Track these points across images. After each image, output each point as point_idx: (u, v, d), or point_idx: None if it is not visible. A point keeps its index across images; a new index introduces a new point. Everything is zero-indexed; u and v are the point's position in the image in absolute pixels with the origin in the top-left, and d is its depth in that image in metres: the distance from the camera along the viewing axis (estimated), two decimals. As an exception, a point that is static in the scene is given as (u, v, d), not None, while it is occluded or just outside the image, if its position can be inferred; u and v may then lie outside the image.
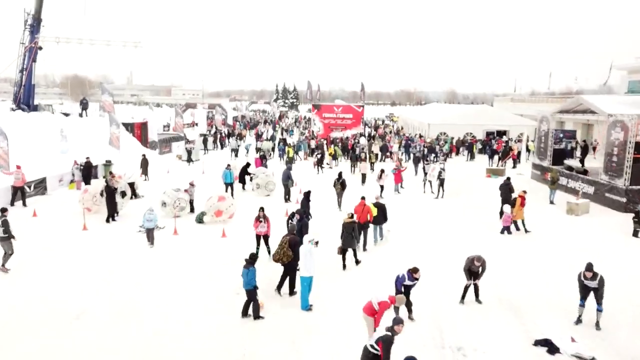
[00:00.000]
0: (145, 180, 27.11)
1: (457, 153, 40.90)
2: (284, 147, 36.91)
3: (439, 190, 24.17)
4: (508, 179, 20.12)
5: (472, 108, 49.49)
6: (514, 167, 34.78)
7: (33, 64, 38.46)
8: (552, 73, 53.55)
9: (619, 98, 29.22)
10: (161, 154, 38.05)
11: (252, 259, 10.94)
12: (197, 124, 65.08)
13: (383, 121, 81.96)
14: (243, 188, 25.33)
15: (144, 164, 27.15)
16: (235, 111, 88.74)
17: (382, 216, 16.40)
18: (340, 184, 21.63)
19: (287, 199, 22.76)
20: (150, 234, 16.12)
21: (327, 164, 34.20)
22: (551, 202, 22.89)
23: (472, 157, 39.03)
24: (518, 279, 13.56)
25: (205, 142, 41.94)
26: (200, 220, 18.72)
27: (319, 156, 32.34)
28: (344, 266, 14.19)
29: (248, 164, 26.16)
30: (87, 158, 24.11)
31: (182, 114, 44.65)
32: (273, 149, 39.14)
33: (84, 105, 36.74)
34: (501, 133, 44.11)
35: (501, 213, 19.91)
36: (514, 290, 12.75)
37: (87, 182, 23.76)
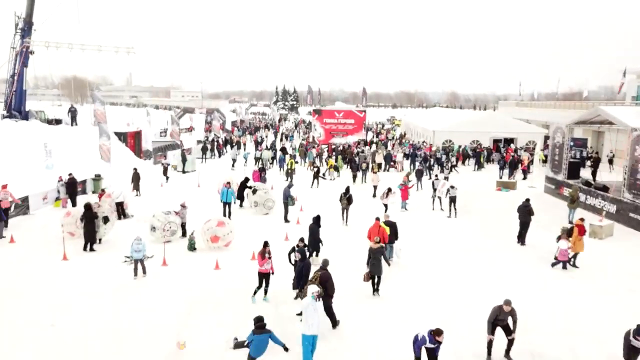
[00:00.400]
0: (137, 195, 25.55)
1: (464, 162, 39.37)
2: (283, 156, 35.36)
3: (450, 209, 22.62)
4: (527, 200, 18.54)
5: (479, 114, 48.00)
6: (524, 178, 33.25)
7: (24, 68, 36.90)
8: (560, 78, 51.58)
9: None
10: (156, 164, 36.51)
11: (262, 322, 9.06)
12: (194, 129, 63.63)
13: (383, 125, 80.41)
14: (241, 205, 23.81)
15: (136, 178, 25.59)
16: (234, 114, 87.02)
17: (393, 235, 15.85)
18: (347, 199, 20.77)
19: (286, 219, 21.20)
20: (138, 264, 14.60)
21: (327, 174, 32.46)
22: (570, 222, 21.29)
23: (480, 166, 37.51)
24: (550, 325, 11.96)
25: (203, 150, 40.44)
26: (192, 247, 17.12)
27: (315, 169, 30.30)
28: (374, 292, 13.46)
29: (247, 179, 24.62)
30: (70, 174, 22.44)
31: (178, 120, 42.97)
32: (273, 159, 37.56)
33: (73, 114, 35.15)
34: (509, 141, 42.64)
35: (519, 237, 18.43)
36: (547, 342, 11.15)
37: (73, 201, 22.20)
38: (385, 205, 22.40)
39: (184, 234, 18.35)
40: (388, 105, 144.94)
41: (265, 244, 12.78)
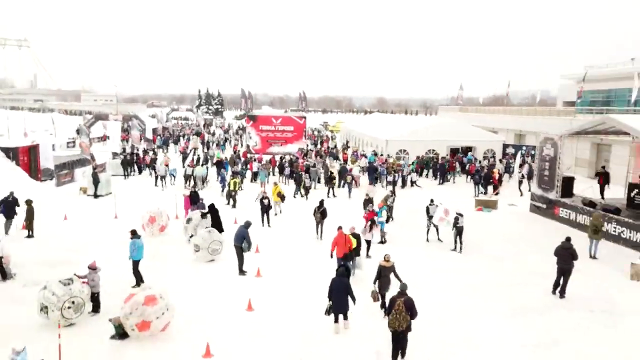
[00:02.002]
0: (29, 236, 18.78)
1: (420, 174, 35.23)
2: (224, 173, 29.30)
3: (456, 242, 18.24)
4: (568, 240, 14.23)
5: (433, 121, 44.39)
6: (496, 193, 29.60)
7: None
8: (510, 82, 49.10)
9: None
10: (59, 186, 29.27)
11: None
12: (108, 138, 55.52)
13: (319, 131, 75.72)
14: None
15: (29, 215, 18.78)
16: (153, 119, 78.26)
17: (359, 247, 15.54)
18: (321, 213, 19.51)
19: (242, 271, 15.55)
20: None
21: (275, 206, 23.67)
22: (592, 257, 17.45)
23: (444, 180, 33.59)
24: None
25: (126, 164, 33.33)
26: (119, 334, 11.10)
27: (265, 200, 21.70)
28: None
29: (214, 208, 19.07)
30: None
31: (87, 130, 35.34)
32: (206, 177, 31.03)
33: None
34: (466, 150, 39.29)
35: (557, 287, 14.09)
36: None
37: None
38: (368, 243, 17.48)
39: (95, 309, 12.29)
40: (318, 110, 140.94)
41: None
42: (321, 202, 19.97)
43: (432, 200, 19.95)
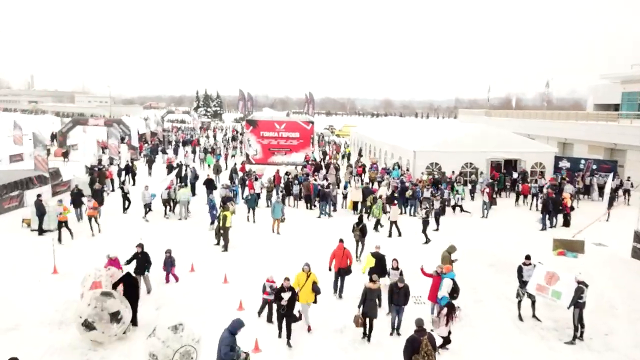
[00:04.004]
0: None
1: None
2: (213, 199, 22.21)
3: (577, 327, 11.57)
4: None
5: (468, 128, 37.38)
6: (566, 224, 22.67)
7: None
8: (549, 82, 43.28)
9: None
10: (2, 213, 22.52)
11: None
12: (76, 147, 47.49)
13: (323, 136, 68.47)
14: None
15: None
16: (145, 122, 70.42)
17: (380, 269, 13.39)
18: (360, 230, 17.66)
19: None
20: None
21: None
22: None
23: (493, 203, 26.55)
24: None
25: (93, 184, 25.48)
26: None
27: (285, 296, 11.44)
28: (368, 336, 11.36)
29: (129, 278, 12.15)
30: None
31: (44, 142, 28.01)
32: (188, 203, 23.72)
33: None
34: (510, 163, 32.39)
35: None
36: None
37: None
38: (445, 340, 10.78)
39: None
40: (321, 113, 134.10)
41: None
42: (360, 218, 18.68)
43: (527, 257, 13.03)
